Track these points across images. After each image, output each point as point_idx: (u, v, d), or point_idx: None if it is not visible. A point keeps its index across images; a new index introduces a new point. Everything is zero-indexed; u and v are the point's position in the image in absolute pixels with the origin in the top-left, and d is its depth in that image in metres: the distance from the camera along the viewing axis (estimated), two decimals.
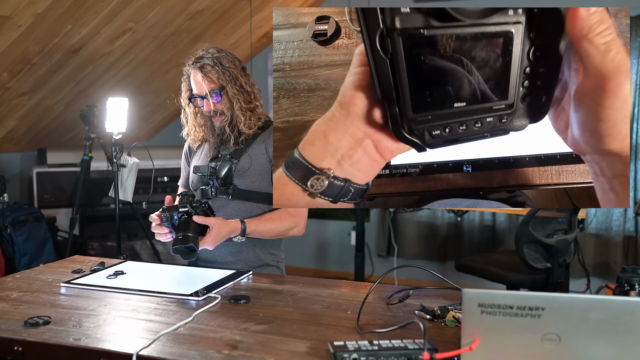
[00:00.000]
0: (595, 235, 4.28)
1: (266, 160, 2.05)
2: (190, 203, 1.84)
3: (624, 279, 1.39)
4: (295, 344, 1.31)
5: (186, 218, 1.83)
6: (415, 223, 4.75)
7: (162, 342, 1.32)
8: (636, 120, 4.10)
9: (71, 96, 4.17)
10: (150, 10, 3.65)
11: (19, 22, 3.17)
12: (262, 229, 1.97)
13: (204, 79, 2.01)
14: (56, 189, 4.32)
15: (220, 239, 1.89)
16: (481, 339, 1.10)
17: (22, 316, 1.48)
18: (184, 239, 1.78)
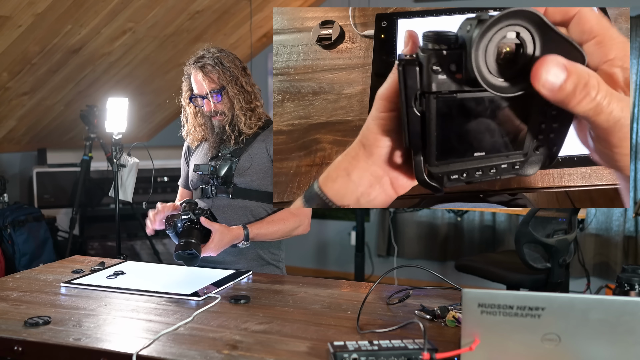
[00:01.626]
0: (595, 235, 4.28)
1: (267, 159, 2.05)
2: (193, 211, 1.85)
3: (624, 279, 1.39)
4: (295, 344, 1.31)
5: (189, 225, 1.84)
6: (415, 223, 4.75)
7: (162, 342, 1.32)
8: (636, 120, 4.10)
9: (71, 96, 4.17)
10: (150, 10, 3.65)
11: (19, 22, 3.17)
12: (265, 232, 1.97)
13: (205, 79, 2.01)
14: (56, 189, 4.32)
15: (223, 245, 1.89)
16: (481, 339, 1.10)
17: (22, 316, 1.48)
18: (186, 245, 1.79)
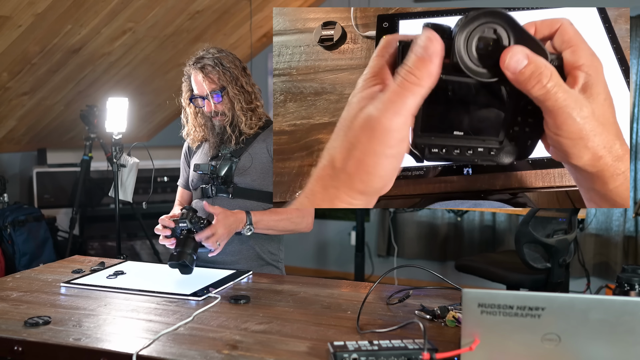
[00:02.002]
0: (595, 235, 4.28)
1: (267, 159, 2.05)
2: (190, 220, 1.85)
3: (624, 279, 1.39)
4: (295, 344, 1.31)
5: (186, 235, 1.85)
6: (415, 223, 4.75)
7: (162, 342, 1.32)
8: (636, 120, 4.10)
9: (71, 96, 4.17)
10: (150, 10, 3.65)
11: (19, 22, 3.17)
12: (268, 219, 1.97)
13: (205, 80, 2.01)
14: (56, 189, 4.33)
15: (228, 223, 1.88)
16: (481, 339, 1.10)
17: (22, 316, 1.48)
18: (178, 256, 1.81)
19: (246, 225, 1.93)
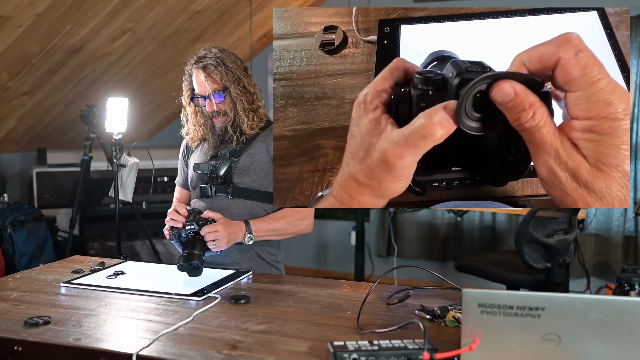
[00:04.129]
0: (595, 235, 4.28)
1: (267, 159, 2.05)
2: (197, 221, 1.86)
3: (624, 279, 1.39)
4: (295, 344, 1.31)
5: (193, 236, 1.85)
6: (415, 223, 4.75)
7: (162, 342, 1.32)
8: (636, 120, 4.10)
9: (71, 96, 4.17)
10: (150, 10, 3.65)
11: (19, 22, 3.17)
12: (267, 226, 1.98)
13: (207, 79, 2.01)
14: (56, 189, 4.32)
15: (230, 225, 1.89)
16: (481, 339, 1.10)
17: (22, 316, 1.48)
18: (188, 257, 1.80)
19: (247, 234, 1.93)
